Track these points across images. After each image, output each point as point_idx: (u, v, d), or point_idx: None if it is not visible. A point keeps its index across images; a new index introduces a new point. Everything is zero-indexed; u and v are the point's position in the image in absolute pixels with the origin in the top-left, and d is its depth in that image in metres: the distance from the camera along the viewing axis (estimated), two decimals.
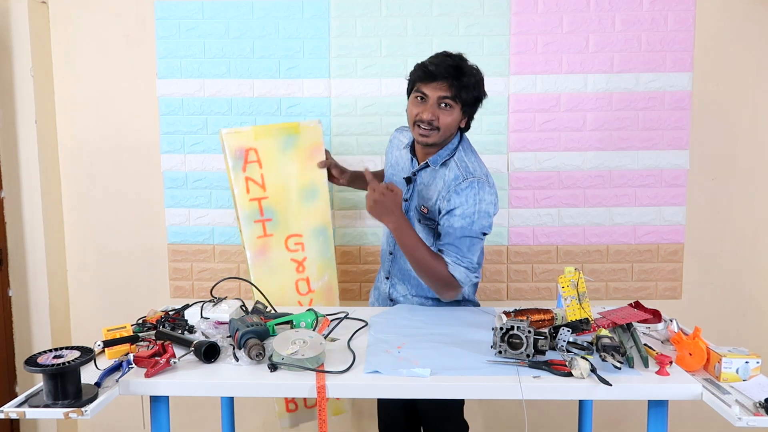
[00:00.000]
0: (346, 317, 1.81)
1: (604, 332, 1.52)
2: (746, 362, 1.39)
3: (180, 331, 1.64)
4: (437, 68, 1.76)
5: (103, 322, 1.92)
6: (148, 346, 1.51)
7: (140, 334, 1.62)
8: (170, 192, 2.58)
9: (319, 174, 2.13)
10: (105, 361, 1.47)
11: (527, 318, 1.56)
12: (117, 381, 1.38)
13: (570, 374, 1.38)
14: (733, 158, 2.53)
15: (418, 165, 1.90)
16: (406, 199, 1.93)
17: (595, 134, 2.50)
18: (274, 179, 2.08)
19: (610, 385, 1.34)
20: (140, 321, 1.71)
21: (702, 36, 2.45)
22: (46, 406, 1.27)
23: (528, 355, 1.45)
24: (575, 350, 1.50)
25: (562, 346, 1.50)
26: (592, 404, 2.00)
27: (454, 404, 1.94)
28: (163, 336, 1.59)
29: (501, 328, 1.48)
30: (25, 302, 2.55)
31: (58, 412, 1.25)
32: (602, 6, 2.44)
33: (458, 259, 1.77)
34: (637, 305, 1.78)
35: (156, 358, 1.43)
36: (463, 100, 1.78)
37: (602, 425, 2.52)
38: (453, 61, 1.78)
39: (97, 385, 1.35)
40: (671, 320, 1.68)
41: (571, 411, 2.06)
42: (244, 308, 1.79)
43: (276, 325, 1.65)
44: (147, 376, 1.39)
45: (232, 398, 2.05)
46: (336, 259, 2.24)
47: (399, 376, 1.40)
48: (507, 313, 1.71)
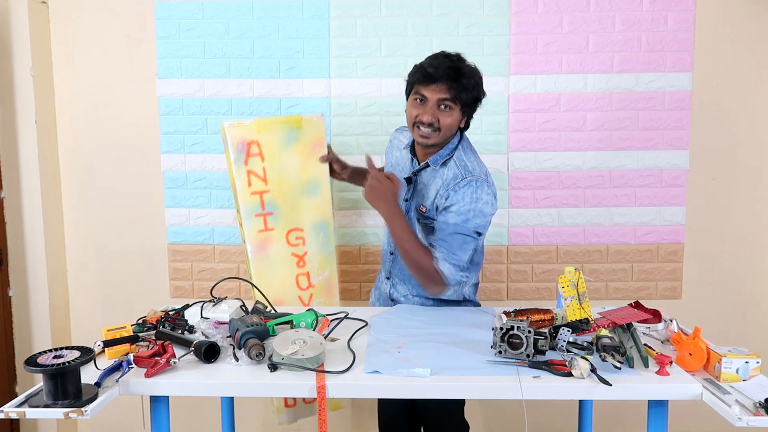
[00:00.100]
0: (346, 317, 1.81)
1: (604, 332, 1.52)
2: (746, 362, 1.39)
3: (180, 331, 1.64)
4: (436, 70, 1.75)
5: (103, 322, 1.93)
6: (148, 346, 1.51)
7: (140, 334, 1.63)
8: (170, 192, 2.58)
9: (320, 168, 2.12)
10: (105, 361, 1.47)
11: (527, 318, 1.56)
12: (117, 381, 1.38)
13: (570, 374, 1.38)
14: (733, 158, 2.53)
15: (419, 165, 1.90)
16: (406, 199, 1.93)
17: (595, 134, 2.50)
18: (275, 173, 2.07)
19: (610, 385, 1.34)
20: (140, 321, 1.71)
21: (702, 36, 2.45)
22: (46, 406, 1.27)
23: (528, 355, 1.45)
24: (575, 350, 1.50)
25: (562, 346, 1.50)
26: (592, 404, 2.01)
27: (455, 404, 1.93)
28: (163, 336, 1.59)
29: (501, 328, 1.48)
30: (25, 302, 2.55)
31: (58, 412, 1.25)
32: (602, 6, 2.44)
33: (447, 255, 1.77)
34: (637, 305, 1.78)
35: (156, 358, 1.43)
36: (463, 101, 1.78)
37: (602, 425, 2.52)
38: (452, 62, 1.77)
39: (97, 385, 1.35)
40: (671, 320, 1.68)
41: (571, 411, 2.06)
42: (244, 308, 1.79)
43: (276, 325, 1.65)
44: (147, 376, 1.39)
45: (232, 398, 2.05)
46: (336, 258, 2.24)
47: (399, 376, 1.40)
48: (507, 313, 1.71)
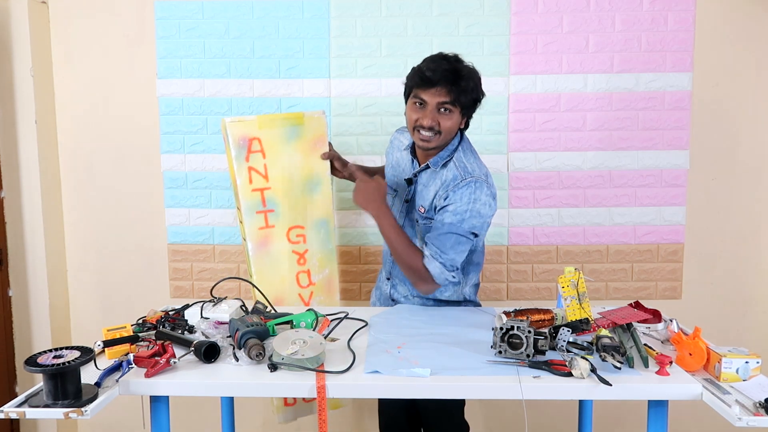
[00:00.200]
0: (346, 317, 1.81)
1: (604, 332, 1.52)
2: (746, 362, 1.39)
3: (180, 331, 1.64)
4: (434, 74, 1.73)
5: (103, 322, 1.93)
6: (148, 346, 1.51)
7: (140, 334, 1.62)
8: (170, 192, 2.58)
9: (322, 165, 2.12)
10: (105, 361, 1.47)
11: (527, 318, 1.56)
12: (117, 381, 1.38)
13: (570, 374, 1.38)
14: (733, 158, 2.53)
15: (419, 166, 1.90)
16: (407, 200, 1.93)
17: (595, 134, 2.50)
18: (277, 170, 2.06)
19: (610, 385, 1.34)
20: (140, 321, 1.71)
21: (702, 36, 2.45)
22: (46, 406, 1.27)
23: (528, 355, 1.45)
24: (575, 350, 1.50)
25: (562, 346, 1.50)
26: (592, 404, 2.01)
27: (455, 404, 1.93)
28: (163, 336, 1.59)
29: (501, 328, 1.48)
30: (25, 302, 2.55)
31: (58, 412, 1.25)
32: (602, 6, 2.44)
33: (437, 253, 1.77)
34: (637, 305, 1.78)
35: (156, 358, 1.43)
36: (462, 103, 1.78)
37: (602, 425, 2.52)
38: (450, 65, 1.75)
39: (97, 385, 1.35)
40: (671, 320, 1.68)
41: (571, 411, 2.06)
42: (244, 308, 1.79)
43: (276, 325, 1.65)
44: (147, 376, 1.39)
45: (232, 398, 2.05)
46: (337, 257, 2.23)
47: (399, 376, 1.40)
48: (507, 313, 1.71)
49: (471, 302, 1.99)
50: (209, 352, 1.48)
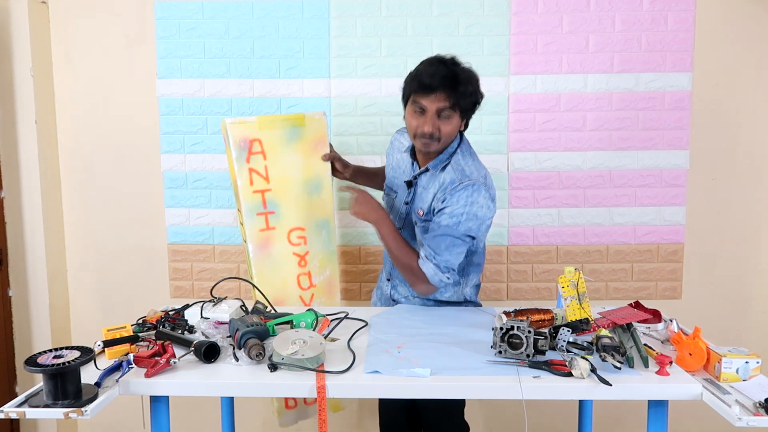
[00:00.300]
0: (346, 317, 1.81)
1: (604, 332, 1.52)
2: (746, 362, 1.39)
3: (180, 331, 1.64)
4: (433, 80, 1.72)
5: (103, 322, 1.93)
6: (148, 346, 1.51)
7: (140, 334, 1.62)
8: (170, 192, 2.58)
9: (322, 167, 2.12)
10: (105, 361, 1.47)
11: (527, 318, 1.56)
12: (117, 381, 1.38)
13: (570, 374, 1.38)
14: (733, 158, 2.53)
15: (419, 169, 1.90)
16: (407, 202, 1.93)
17: (595, 134, 2.50)
18: (277, 171, 2.06)
19: (610, 385, 1.34)
20: (140, 321, 1.71)
21: (702, 36, 2.45)
22: (46, 406, 1.27)
23: (528, 355, 1.45)
24: (575, 350, 1.50)
25: (562, 346, 1.50)
26: (592, 404, 2.01)
27: (455, 404, 1.93)
28: (163, 336, 1.59)
29: (501, 328, 1.48)
30: (25, 302, 2.55)
31: (58, 412, 1.25)
32: (602, 6, 2.44)
33: (431, 255, 1.77)
34: (637, 305, 1.78)
35: (156, 358, 1.43)
36: (462, 107, 1.77)
37: (602, 425, 2.52)
38: (447, 69, 1.74)
39: (97, 385, 1.35)
40: (671, 320, 1.68)
41: (571, 411, 2.06)
42: (244, 308, 1.79)
43: (276, 325, 1.65)
44: (147, 376, 1.39)
45: (232, 398, 2.05)
46: (338, 258, 2.23)
47: (399, 376, 1.40)
48: (507, 313, 1.71)
49: (471, 303, 1.98)
50: (209, 352, 1.48)
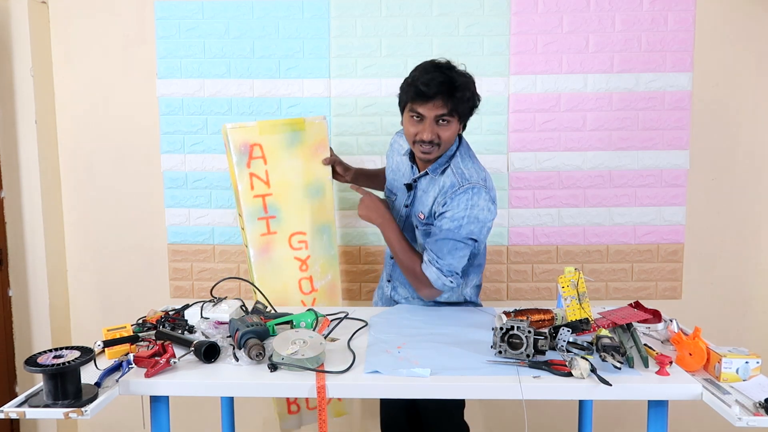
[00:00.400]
0: (346, 317, 1.81)
1: (604, 332, 1.52)
2: (746, 362, 1.39)
3: (180, 331, 1.64)
4: (429, 88, 1.70)
5: (103, 322, 1.93)
6: (148, 346, 1.51)
7: (140, 334, 1.62)
8: (170, 192, 2.58)
9: (323, 171, 2.11)
10: (105, 361, 1.47)
11: (527, 318, 1.56)
12: (117, 381, 1.38)
13: (570, 374, 1.38)
14: (733, 158, 2.53)
15: (419, 172, 1.90)
16: (407, 205, 1.93)
17: (595, 134, 2.50)
18: (278, 175, 2.05)
19: (610, 385, 1.34)
20: (140, 321, 1.71)
21: (702, 36, 2.45)
22: (46, 406, 1.27)
23: (528, 355, 1.45)
24: (575, 350, 1.50)
25: (562, 346, 1.50)
26: (592, 404, 2.01)
27: (454, 405, 1.93)
28: (163, 336, 1.59)
29: (501, 328, 1.48)
30: (25, 302, 2.55)
31: (58, 412, 1.25)
32: (602, 6, 2.44)
33: (434, 259, 1.77)
34: (637, 305, 1.78)
35: (156, 358, 1.43)
36: (460, 113, 1.76)
37: (602, 425, 2.52)
38: (443, 76, 1.72)
39: (97, 385, 1.35)
40: (671, 320, 1.68)
41: (571, 411, 2.06)
42: (244, 308, 1.79)
43: (276, 325, 1.65)
44: (147, 376, 1.39)
45: (232, 398, 2.05)
46: (339, 262, 2.22)
47: (399, 376, 1.40)
48: (507, 313, 1.71)
49: (472, 303, 1.98)
50: (209, 352, 1.48)
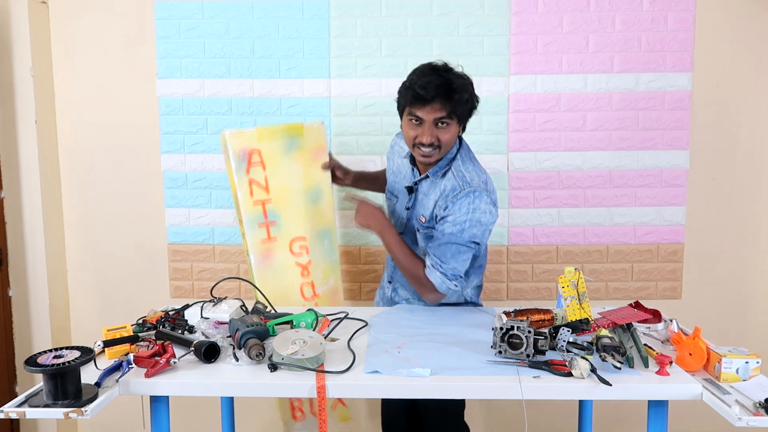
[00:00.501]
0: (346, 317, 1.81)
1: (604, 332, 1.52)
2: (746, 362, 1.39)
3: (180, 331, 1.64)
4: (427, 91, 1.69)
5: (103, 322, 1.92)
6: (148, 346, 1.51)
7: (140, 334, 1.62)
8: (170, 192, 2.58)
9: (322, 176, 2.11)
10: (105, 361, 1.47)
11: (527, 318, 1.56)
12: (117, 381, 1.38)
13: (570, 374, 1.38)
14: (733, 158, 2.53)
15: (419, 175, 1.89)
16: (408, 208, 1.93)
17: (595, 134, 2.50)
18: (277, 181, 2.05)
19: (610, 385, 1.34)
20: (140, 321, 1.71)
21: (702, 36, 2.45)
22: (46, 406, 1.27)
23: (528, 355, 1.45)
24: (575, 350, 1.50)
25: (562, 346, 1.50)
26: (592, 404, 2.01)
27: (455, 405, 1.93)
28: (163, 336, 1.59)
29: (501, 328, 1.48)
30: (25, 302, 2.55)
31: (58, 412, 1.25)
32: (602, 6, 2.44)
33: (437, 263, 1.77)
34: (637, 305, 1.78)
35: (156, 358, 1.43)
36: (459, 115, 1.76)
37: (602, 425, 2.52)
38: (441, 78, 1.71)
39: (97, 385, 1.35)
40: (671, 320, 1.68)
41: (571, 411, 2.06)
42: (244, 308, 1.79)
43: (276, 325, 1.65)
44: (147, 376, 1.39)
45: (232, 398, 2.05)
46: (340, 267, 2.21)
47: (399, 376, 1.40)
48: (507, 313, 1.71)
49: (472, 304, 1.98)
50: (209, 352, 1.48)
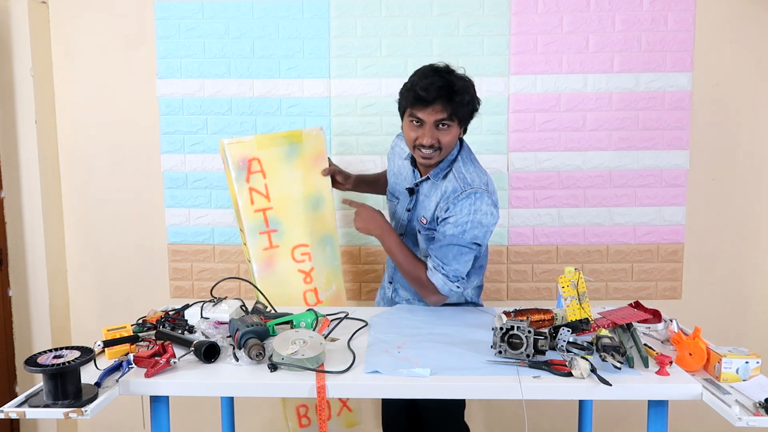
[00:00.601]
0: (346, 317, 1.81)
1: (604, 332, 1.52)
2: (746, 362, 1.39)
3: (180, 331, 1.64)
4: (428, 93, 1.69)
5: (103, 322, 1.92)
6: (148, 346, 1.51)
7: (140, 334, 1.62)
8: (170, 192, 2.58)
9: (323, 182, 2.10)
10: (105, 361, 1.47)
11: (527, 318, 1.56)
12: (117, 381, 1.38)
13: (570, 374, 1.38)
14: (733, 158, 2.53)
15: (420, 177, 1.89)
16: (409, 210, 1.93)
17: (595, 134, 2.50)
18: (278, 189, 2.04)
19: (610, 385, 1.34)
20: (140, 321, 1.71)
21: (702, 36, 2.45)
22: (46, 406, 1.27)
23: (528, 355, 1.45)
24: (575, 350, 1.50)
25: (562, 346, 1.50)
26: (592, 404, 2.01)
27: (455, 405, 1.93)
28: (163, 336, 1.59)
29: (501, 328, 1.48)
30: (25, 302, 2.55)
31: (58, 412, 1.25)
32: (602, 6, 2.44)
33: (439, 265, 1.76)
34: (637, 305, 1.78)
35: (156, 358, 1.43)
36: (460, 117, 1.76)
37: (602, 425, 2.52)
38: (442, 80, 1.71)
39: (97, 385, 1.35)
40: (671, 320, 1.68)
41: (571, 411, 2.06)
42: (244, 308, 1.79)
43: (276, 325, 1.65)
44: (147, 376, 1.39)
45: (232, 398, 2.05)
46: (342, 273, 2.20)
47: (399, 376, 1.40)
48: (507, 313, 1.71)
49: (473, 304, 1.98)
50: (209, 352, 1.48)
